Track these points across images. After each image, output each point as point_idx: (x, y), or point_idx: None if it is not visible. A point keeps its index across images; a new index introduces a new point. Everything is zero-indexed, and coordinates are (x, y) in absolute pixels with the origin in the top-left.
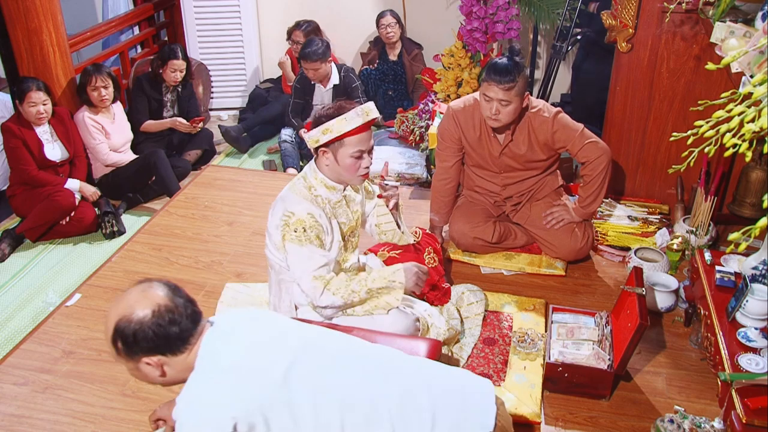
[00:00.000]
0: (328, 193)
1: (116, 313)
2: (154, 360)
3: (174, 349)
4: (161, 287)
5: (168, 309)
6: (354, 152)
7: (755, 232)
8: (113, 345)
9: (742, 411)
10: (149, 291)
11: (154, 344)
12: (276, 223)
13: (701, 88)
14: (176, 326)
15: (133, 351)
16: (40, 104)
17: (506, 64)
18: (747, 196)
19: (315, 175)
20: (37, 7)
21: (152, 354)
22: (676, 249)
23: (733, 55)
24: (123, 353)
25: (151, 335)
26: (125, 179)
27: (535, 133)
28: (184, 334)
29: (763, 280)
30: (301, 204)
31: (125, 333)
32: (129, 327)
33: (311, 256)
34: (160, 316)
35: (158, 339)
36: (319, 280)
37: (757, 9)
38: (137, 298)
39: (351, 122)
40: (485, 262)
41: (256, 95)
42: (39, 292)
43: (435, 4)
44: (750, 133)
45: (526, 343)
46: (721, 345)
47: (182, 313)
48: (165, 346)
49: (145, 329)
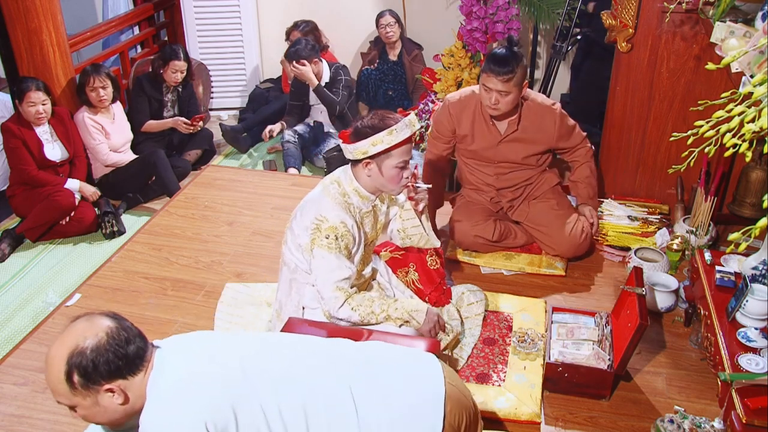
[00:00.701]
0: (361, 202)
1: (64, 350)
2: (116, 385)
3: (134, 369)
4: (104, 316)
5: (120, 329)
6: (399, 163)
7: (755, 232)
8: (67, 382)
9: (742, 411)
10: (94, 320)
11: (115, 366)
12: (306, 224)
13: (701, 88)
14: (132, 344)
15: (93, 381)
16: (40, 104)
17: (505, 54)
18: (747, 196)
19: (351, 183)
20: (37, 7)
21: (114, 378)
22: (676, 249)
23: (733, 55)
24: (81, 387)
25: (112, 357)
26: (125, 179)
27: (541, 123)
28: (140, 351)
29: (763, 280)
30: (335, 211)
31: (82, 364)
32: (85, 356)
33: (339, 266)
34: (114, 338)
35: (119, 360)
36: (342, 292)
37: (757, 9)
38: (84, 329)
39: (400, 134)
40: (485, 262)
41: (256, 95)
42: (39, 292)
43: (435, 4)
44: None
45: (526, 343)
46: (721, 345)
47: (134, 332)
48: (125, 366)
49: (103, 353)
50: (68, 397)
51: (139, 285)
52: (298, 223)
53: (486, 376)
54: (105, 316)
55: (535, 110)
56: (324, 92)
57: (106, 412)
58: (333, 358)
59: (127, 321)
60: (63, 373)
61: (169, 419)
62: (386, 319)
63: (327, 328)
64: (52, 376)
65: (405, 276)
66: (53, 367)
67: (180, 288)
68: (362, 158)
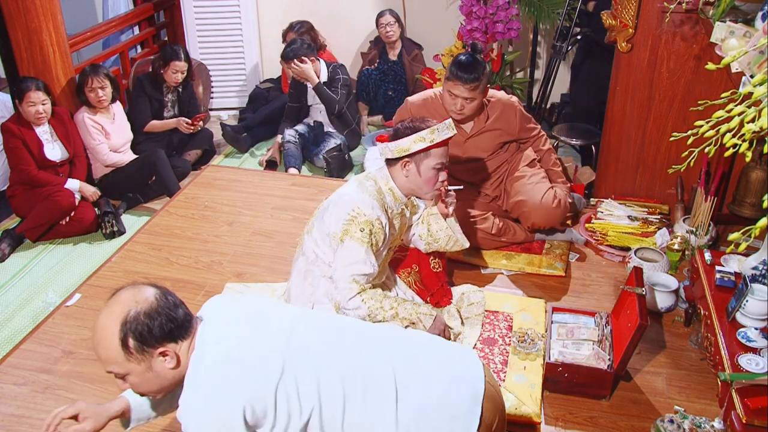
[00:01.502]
0: (394, 203)
1: (115, 317)
2: (170, 348)
3: (184, 333)
4: (147, 285)
5: (166, 294)
6: (437, 164)
7: (755, 232)
8: (123, 348)
9: (742, 411)
10: (139, 288)
11: (168, 329)
12: (340, 215)
13: (701, 88)
14: (180, 309)
15: (148, 344)
16: (39, 104)
17: (470, 62)
18: (747, 196)
19: (387, 182)
20: (37, 7)
21: (167, 341)
22: (676, 249)
23: (733, 55)
24: (136, 352)
25: (164, 320)
26: (125, 179)
27: (505, 117)
28: (187, 316)
29: (763, 280)
30: (374, 207)
31: (137, 328)
32: (139, 320)
33: (365, 261)
34: (164, 302)
35: (171, 322)
36: (357, 284)
37: (757, 9)
38: (132, 295)
39: (442, 134)
40: (485, 262)
41: (256, 95)
42: (39, 292)
43: (435, 3)
44: (750, 133)
45: (526, 343)
46: (721, 345)
47: (178, 299)
48: (177, 330)
49: (155, 316)
50: (122, 364)
51: None
52: (330, 214)
53: None
54: (148, 285)
55: (498, 106)
56: (324, 90)
57: (157, 378)
58: (380, 339)
59: (168, 290)
60: (118, 340)
61: (207, 404)
62: (394, 317)
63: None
64: (104, 345)
65: (407, 276)
66: (106, 336)
67: (180, 288)
68: (402, 156)
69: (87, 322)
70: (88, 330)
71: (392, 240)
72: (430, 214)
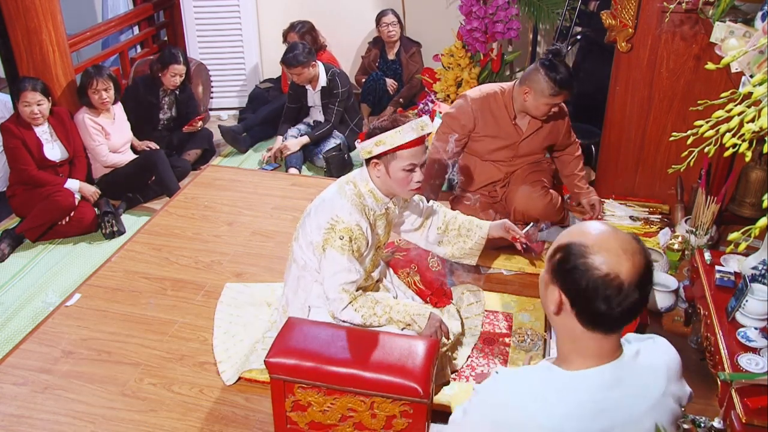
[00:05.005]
0: (375, 204)
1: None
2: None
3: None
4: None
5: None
6: (406, 165)
7: (755, 232)
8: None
9: (742, 411)
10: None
11: None
12: (320, 223)
13: (701, 87)
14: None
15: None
16: (35, 104)
17: (570, 74)
18: (747, 195)
19: (366, 184)
20: (37, 7)
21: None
22: (676, 249)
23: (733, 55)
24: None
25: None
26: (125, 179)
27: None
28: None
29: (762, 280)
30: (351, 212)
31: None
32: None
33: (349, 269)
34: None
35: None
36: (347, 294)
37: (757, 9)
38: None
39: (405, 135)
40: (485, 262)
41: (255, 95)
42: (39, 292)
43: (434, 3)
44: (750, 133)
45: (526, 343)
46: (721, 345)
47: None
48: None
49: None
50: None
51: (139, 285)
52: (311, 220)
53: (486, 376)
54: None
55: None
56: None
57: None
58: None
59: None
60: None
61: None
62: (388, 321)
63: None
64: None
65: (407, 277)
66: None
67: (180, 288)
68: (368, 158)
69: (87, 322)
70: (88, 330)
71: (378, 241)
72: (478, 239)
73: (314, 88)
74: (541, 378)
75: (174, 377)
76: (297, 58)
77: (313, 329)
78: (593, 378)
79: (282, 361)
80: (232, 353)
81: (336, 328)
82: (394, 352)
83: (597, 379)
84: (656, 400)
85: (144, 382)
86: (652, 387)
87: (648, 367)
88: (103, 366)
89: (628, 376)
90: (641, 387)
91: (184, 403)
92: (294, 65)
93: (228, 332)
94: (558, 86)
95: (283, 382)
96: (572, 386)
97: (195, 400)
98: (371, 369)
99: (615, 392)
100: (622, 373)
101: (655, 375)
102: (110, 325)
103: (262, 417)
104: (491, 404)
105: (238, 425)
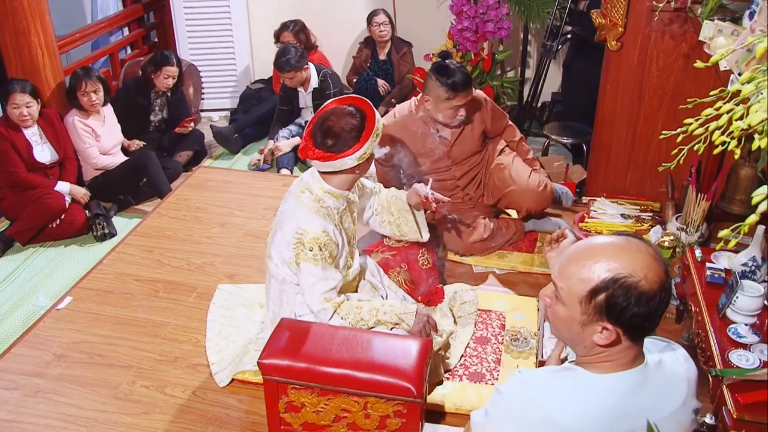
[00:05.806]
0: (335, 202)
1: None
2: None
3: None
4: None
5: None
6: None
7: (745, 228)
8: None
9: (733, 406)
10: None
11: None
12: (287, 240)
13: (690, 86)
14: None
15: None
16: (23, 107)
17: (462, 73)
18: (736, 193)
19: (321, 186)
20: (25, 8)
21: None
22: (667, 246)
23: (721, 53)
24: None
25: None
26: (116, 181)
27: (475, 109)
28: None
29: (752, 277)
30: (314, 221)
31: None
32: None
33: (325, 277)
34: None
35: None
36: (330, 303)
37: (745, 7)
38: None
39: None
40: (477, 261)
41: (247, 96)
42: (29, 296)
43: (425, 3)
44: (738, 131)
45: (519, 342)
46: (712, 341)
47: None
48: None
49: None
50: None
51: (131, 287)
52: (279, 238)
53: (479, 375)
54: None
55: (469, 101)
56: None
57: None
58: None
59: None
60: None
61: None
62: (377, 323)
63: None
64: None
65: (397, 276)
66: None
67: (172, 290)
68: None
69: (78, 325)
70: (80, 333)
71: (350, 233)
72: (398, 197)
73: (306, 90)
74: (567, 379)
75: (167, 379)
76: (290, 62)
77: (305, 330)
78: (619, 383)
79: (275, 362)
80: (225, 355)
81: (328, 329)
82: (387, 352)
83: (622, 383)
84: (676, 409)
85: (136, 384)
86: (674, 395)
87: (670, 376)
88: (95, 369)
89: (652, 383)
90: (663, 394)
91: (177, 405)
92: (287, 70)
93: (221, 334)
94: (452, 89)
95: (277, 383)
96: (598, 389)
97: (188, 402)
98: (364, 369)
99: (637, 398)
100: (645, 379)
101: (678, 385)
102: (102, 327)
103: (255, 418)
104: (515, 404)
105: (232, 427)
